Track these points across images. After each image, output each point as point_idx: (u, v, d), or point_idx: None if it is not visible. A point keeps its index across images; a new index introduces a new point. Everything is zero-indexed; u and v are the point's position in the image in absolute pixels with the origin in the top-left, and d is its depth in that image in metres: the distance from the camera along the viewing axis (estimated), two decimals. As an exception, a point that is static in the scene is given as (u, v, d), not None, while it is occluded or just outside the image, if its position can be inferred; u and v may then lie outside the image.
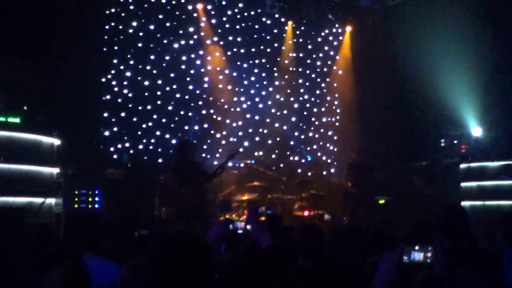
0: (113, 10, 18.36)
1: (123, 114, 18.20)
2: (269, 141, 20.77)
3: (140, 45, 18.76)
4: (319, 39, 22.43)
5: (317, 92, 22.18)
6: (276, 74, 21.24)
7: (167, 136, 18.84)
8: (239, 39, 20.51)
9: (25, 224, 10.48)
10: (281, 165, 20.37)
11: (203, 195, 13.12)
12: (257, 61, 20.91)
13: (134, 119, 18.40)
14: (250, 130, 20.51)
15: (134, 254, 5.98)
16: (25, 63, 15.24)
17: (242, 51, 20.55)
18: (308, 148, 21.64)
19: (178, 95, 19.32)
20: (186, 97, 19.48)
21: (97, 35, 17.57)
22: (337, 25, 22.46)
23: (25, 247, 7.90)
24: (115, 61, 18.35)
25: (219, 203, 16.40)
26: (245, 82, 20.70)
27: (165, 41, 19.21)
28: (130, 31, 18.64)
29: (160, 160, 18.45)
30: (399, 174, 18.65)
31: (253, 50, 20.75)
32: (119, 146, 18.04)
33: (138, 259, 4.71)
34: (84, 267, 4.98)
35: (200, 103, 19.74)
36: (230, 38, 20.40)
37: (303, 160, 21.25)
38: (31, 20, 14.79)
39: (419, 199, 16.08)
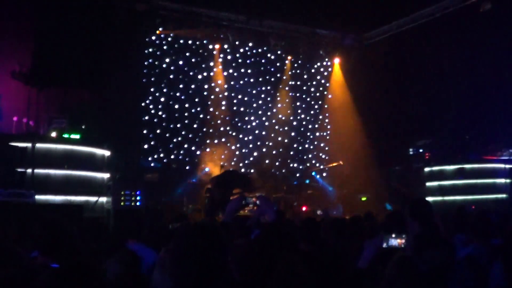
0: (150, 50, 18.51)
1: (158, 131, 18.30)
2: (273, 152, 20.81)
3: (171, 76, 18.88)
4: (313, 70, 22.48)
5: (311, 112, 22.20)
6: (278, 98, 21.28)
7: (193, 148, 18.92)
8: (249, 70, 20.57)
9: (83, 218, 10.52)
10: (283, 170, 20.42)
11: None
12: (263, 88, 20.97)
13: (167, 135, 18.49)
14: (258, 143, 20.55)
15: (168, 242, 6.00)
16: (83, 93, 15.39)
17: (251, 80, 20.60)
18: (305, 157, 21.68)
19: (201, 116, 19.40)
20: (208, 117, 19.54)
21: (138, 69, 17.70)
22: (326, 59, 22.50)
23: (84, 235, 7.93)
24: (152, 89, 18.46)
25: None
26: (254, 105, 20.75)
27: (191, 73, 19.31)
28: (164, 65, 18.76)
29: (187, 167, 18.51)
30: (378, 177, 18.70)
31: (260, 79, 20.80)
32: (155, 156, 18.13)
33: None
34: (136, 254, 5.00)
35: (218, 121, 19.78)
36: (242, 70, 20.46)
37: (300, 167, 21.29)
38: (89, 61, 14.94)
39: (394, 196, 16.14)
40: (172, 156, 18.48)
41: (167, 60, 18.85)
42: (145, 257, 6.12)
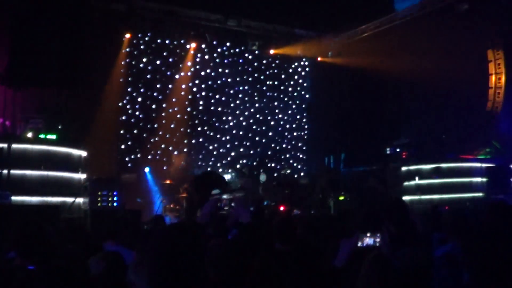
0: (128, 50, 18.41)
1: (135, 131, 18.25)
2: (251, 151, 20.85)
3: (148, 76, 18.81)
4: (290, 70, 22.55)
5: (289, 112, 22.27)
6: (256, 98, 21.31)
7: (170, 148, 18.88)
8: (227, 70, 20.58)
9: (60, 219, 10.49)
10: (261, 170, 20.45)
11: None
12: (241, 88, 20.97)
13: (144, 135, 18.43)
14: (236, 143, 20.59)
15: (144, 241, 6.01)
16: (60, 93, 15.32)
17: (229, 80, 20.60)
18: (282, 157, 21.75)
19: (178, 116, 19.36)
20: (185, 117, 19.53)
21: (115, 69, 17.66)
22: (304, 59, 22.59)
23: (60, 236, 7.91)
24: (129, 89, 18.40)
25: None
26: (232, 105, 20.75)
27: (168, 73, 19.28)
28: (141, 65, 18.70)
29: (164, 168, 18.47)
30: (355, 176, 18.81)
31: (237, 79, 20.81)
32: (132, 156, 18.09)
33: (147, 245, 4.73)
34: (119, 253, 5.01)
35: (196, 121, 19.80)
36: (220, 70, 20.46)
37: (278, 166, 21.34)
38: (66, 61, 14.87)
39: (370, 196, 16.26)
40: (149, 157, 18.42)
41: (144, 59, 18.79)
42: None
